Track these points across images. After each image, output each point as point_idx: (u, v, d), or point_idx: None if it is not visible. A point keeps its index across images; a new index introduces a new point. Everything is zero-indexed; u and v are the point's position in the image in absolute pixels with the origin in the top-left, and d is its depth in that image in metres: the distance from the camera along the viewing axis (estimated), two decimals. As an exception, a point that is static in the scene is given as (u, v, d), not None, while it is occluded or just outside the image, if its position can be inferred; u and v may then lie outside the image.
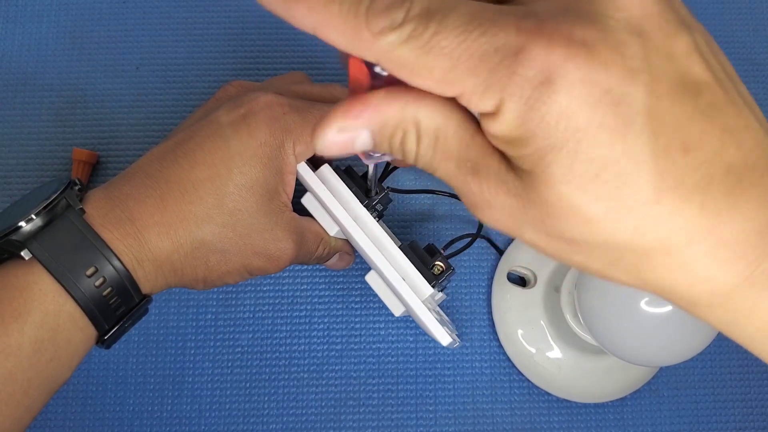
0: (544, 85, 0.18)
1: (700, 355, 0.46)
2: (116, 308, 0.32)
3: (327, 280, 0.47)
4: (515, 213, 0.21)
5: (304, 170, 0.37)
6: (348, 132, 0.21)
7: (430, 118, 0.21)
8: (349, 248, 0.43)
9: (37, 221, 0.31)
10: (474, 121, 0.21)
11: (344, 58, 0.22)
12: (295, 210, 0.38)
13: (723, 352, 0.47)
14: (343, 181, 0.37)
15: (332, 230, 0.39)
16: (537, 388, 0.45)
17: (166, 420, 0.45)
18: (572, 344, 0.44)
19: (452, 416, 0.45)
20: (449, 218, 0.48)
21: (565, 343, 0.44)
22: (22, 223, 0.31)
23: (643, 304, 0.33)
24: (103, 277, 0.31)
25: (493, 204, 0.21)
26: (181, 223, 0.33)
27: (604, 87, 0.18)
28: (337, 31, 0.20)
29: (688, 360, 0.35)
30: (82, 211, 0.32)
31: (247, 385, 0.45)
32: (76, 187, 0.33)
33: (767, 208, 0.20)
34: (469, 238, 0.42)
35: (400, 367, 0.46)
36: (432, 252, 0.38)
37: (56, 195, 0.32)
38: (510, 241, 0.47)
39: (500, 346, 0.46)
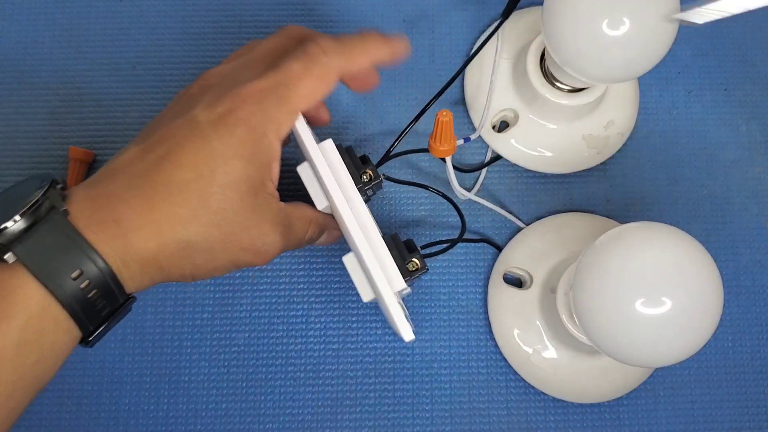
0: None
1: (696, 356, 0.46)
2: (101, 309, 0.32)
3: (324, 280, 0.47)
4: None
5: (309, 141, 0.37)
6: None
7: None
8: (335, 223, 0.42)
9: (20, 223, 0.30)
10: None
11: None
12: (282, 193, 0.37)
13: (719, 352, 0.47)
14: (343, 160, 0.38)
15: (321, 204, 0.39)
16: (533, 388, 0.45)
17: (161, 419, 0.45)
18: (568, 345, 0.44)
19: (449, 416, 0.45)
20: (434, 220, 0.48)
21: (560, 343, 0.44)
22: (7, 224, 0.30)
23: (638, 305, 0.33)
24: (89, 279, 0.31)
25: None
26: (168, 224, 0.33)
27: None
28: None
29: (683, 360, 0.35)
30: (66, 212, 0.32)
31: (244, 384, 0.45)
32: (59, 186, 0.33)
33: None
34: (448, 243, 0.43)
35: (397, 366, 0.46)
36: (410, 248, 0.38)
37: (40, 196, 0.31)
38: (505, 243, 0.47)
39: (496, 346, 0.46)
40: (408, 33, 0.50)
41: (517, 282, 0.47)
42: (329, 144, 0.38)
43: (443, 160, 0.41)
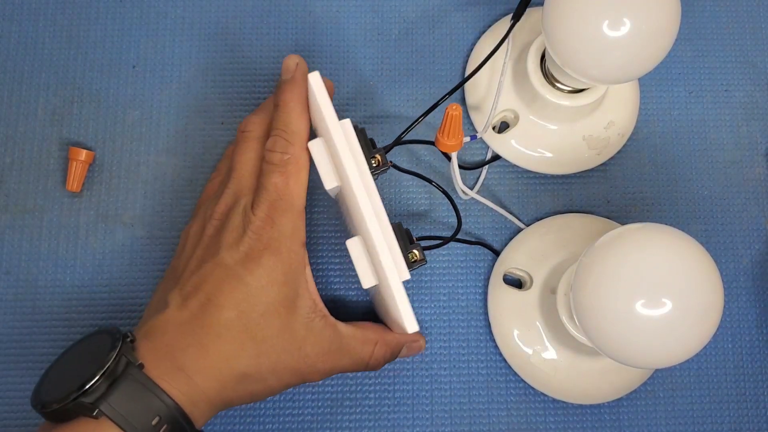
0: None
1: (696, 357, 0.46)
2: None
3: (324, 281, 0.47)
4: None
5: (331, 118, 0.37)
6: None
7: None
8: (413, 337, 0.43)
9: (102, 381, 0.34)
10: None
11: None
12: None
13: (718, 354, 0.47)
14: (359, 141, 0.37)
15: (330, 184, 0.38)
16: (533, 389, 0.45)
17: (161, 419, 0.45)
18: (568, 345, 0.44)
19: (448, 417, 0.45)
20: (431, 215, 0.48)
21: (560, 344, 0.44)
22: (90, 385, 0.34)
23: (638, 306, 0.33)
24: (167, 423, 0.34)
25: None
26: (223, 362, 0.36)
27: None
28: None
29: (683, 361, 0.35)
30: (142, 365, 0.35)
31: (243, 384, 0.45)
32: (128, 340, 0.36)
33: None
34: (443, 239, 0.42)
35: (397, 367, 0.46)
36: (410, 239, 0.38)
37: (115, 354, 0.34)
38: (505, 244, 0.47)
39: (496, 347, 0.46)
40: (408, 33, 0.50)
41: (517, 283, 0.47)
42: (348, 124, 0.37)
43: (448, 157, 0.41)
